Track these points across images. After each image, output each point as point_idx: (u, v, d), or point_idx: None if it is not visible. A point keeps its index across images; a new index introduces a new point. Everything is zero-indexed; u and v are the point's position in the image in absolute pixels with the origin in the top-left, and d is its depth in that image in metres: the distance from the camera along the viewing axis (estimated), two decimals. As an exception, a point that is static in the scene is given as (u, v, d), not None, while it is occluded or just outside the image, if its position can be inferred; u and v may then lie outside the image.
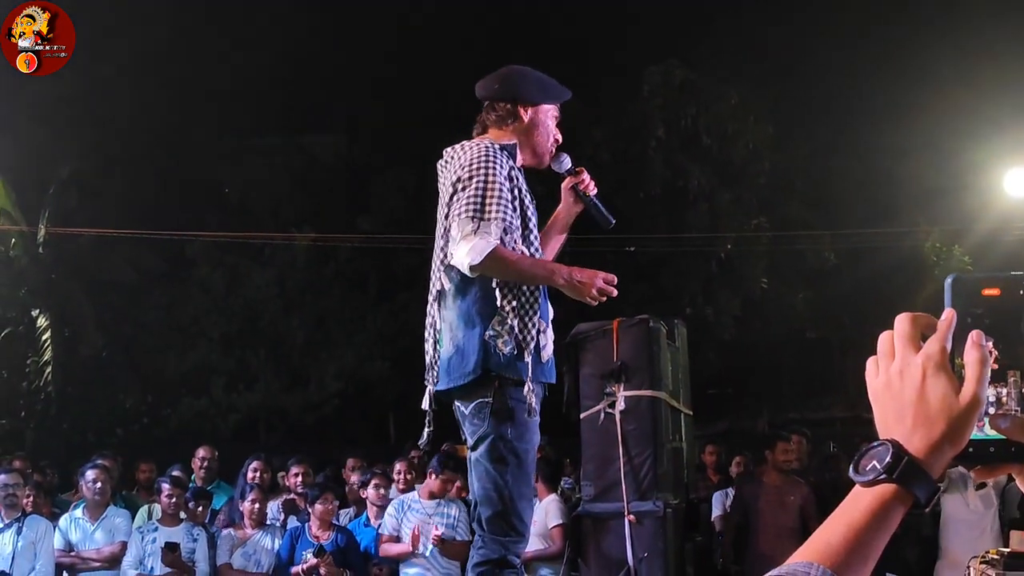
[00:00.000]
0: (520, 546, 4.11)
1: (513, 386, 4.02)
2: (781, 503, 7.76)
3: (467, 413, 4.08)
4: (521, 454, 4.05)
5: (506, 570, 4.06)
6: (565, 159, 4.41)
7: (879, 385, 1.25)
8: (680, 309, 17.97)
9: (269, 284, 21.53)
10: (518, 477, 4.05)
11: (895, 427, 1.22)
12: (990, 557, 4.97)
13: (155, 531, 7.86)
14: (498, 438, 4.01)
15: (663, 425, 6.76)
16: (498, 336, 3.98)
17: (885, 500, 1.18)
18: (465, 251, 3.89)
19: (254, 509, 8.11)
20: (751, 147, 21.18)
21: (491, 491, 4.04)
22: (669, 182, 20.94)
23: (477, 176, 3.99)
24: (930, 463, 1.19)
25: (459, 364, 4.03)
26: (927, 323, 1.24)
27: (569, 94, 4.41)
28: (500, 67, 4.44)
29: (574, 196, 4.45)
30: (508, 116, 4.25)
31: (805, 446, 8.80)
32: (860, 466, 1.21)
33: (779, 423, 17.53)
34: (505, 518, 4.03)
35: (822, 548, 1.16)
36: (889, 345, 1.25)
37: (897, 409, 1.22)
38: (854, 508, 1.19)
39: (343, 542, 7.82)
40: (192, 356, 20.93)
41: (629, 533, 6.52)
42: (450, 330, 4.09)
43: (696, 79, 21.15)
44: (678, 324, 7.57)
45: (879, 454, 1.20)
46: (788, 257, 21.05)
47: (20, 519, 7.75)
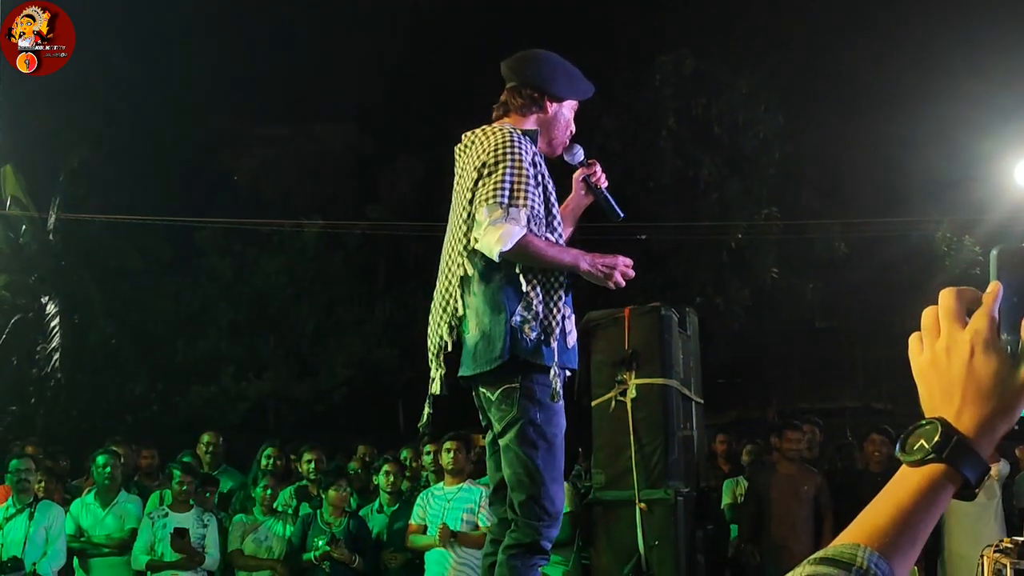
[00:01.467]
0: (553, 530, 4.10)
1: (539, 371, 4.01)
2: (795, 493, 7.73)
3: (493, 399, 4.07)
4: (551, 438, 4.05)
5: (537, 555, 4.08)
6: (578, 150, 4.39)
7: (924, 362, 1.22)
8: (690, 298, 17.95)
9: (278, 272, 21.56)
10: (549, 461, 4.05)
11: (943, 405, 1.19)
12: (1004, 546, 4.95)
13: (165, 517, 7.88)
14: (528, 423, 4.01)
15: (674, 413, 6.76)
16: (525, 322, 3.96)
17: (934, 480, 1.15)
18: (495, 237, 3.87)
19: (266, 495, 8.11)
20: (762, 137, 21.14)
21: (523, 476, 4.04)
22: (680, 171, 20.92)
23: (504, 162, 3.96)
24: (980, 442, 1.16)
25: (486, 350, 4.01)
26: (972, 297, 1.21)
27: (593, 90, 4.37)
28: (509, 56, 4.37)
29: (585, 188, 4.43)
30: (533, 104, 4.21)
31: (817, 436, 8.77)
32: (907, 445, 1.18)
33: (789, 413, 17.52)
34: (538, 502, 4.03)
35: (869, 529, 1.13)
36: (934, 321, 1.22)
37: (944, 387, 1.19)
38: (901, 489, 1.16)
39: (355, 529, 7.83)
40: (201, 344, 20.97)
41: (640, 521, 6.52)
42: (475, 316, 4.06)
43: (707, 69, 21.11)
44: (690, 312, 7.55)
45: (927, 433, 1.17)
46: (798, 247, 21.00)
47: (32, 504, 7.78)
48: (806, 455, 8.19)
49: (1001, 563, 4.79)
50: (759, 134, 21.12)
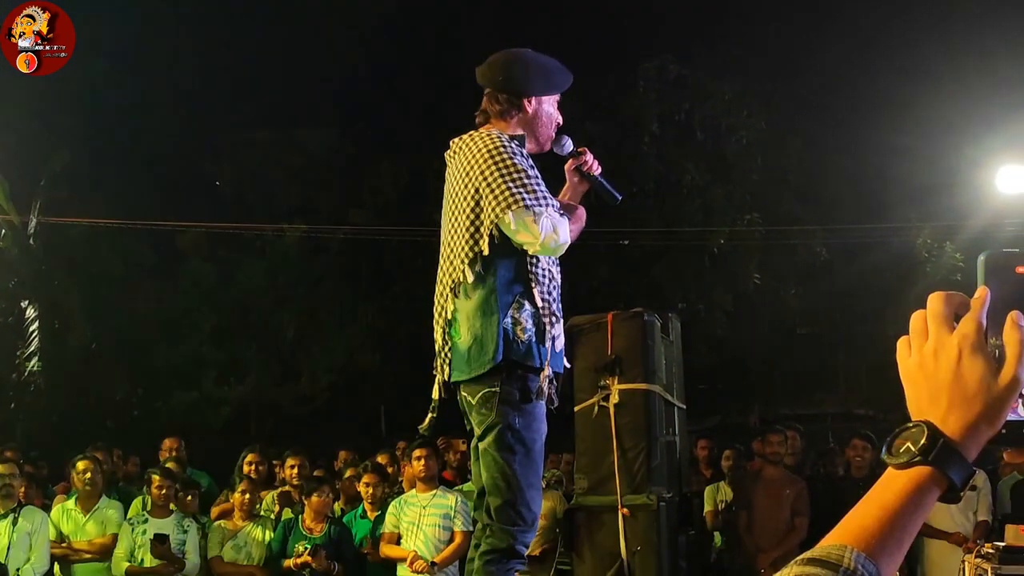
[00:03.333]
0: (529, 535, 4.10)
1: (529, 374, 4.03)
2: (777, 498, 7.75)
3: (474, 403, 4.07)
4: (529, 443, 4.05)
5: (513, 560, 4.07)
6: (567, 141, 4.40)
7: (912, 365, 1.22)
8: (673, 304, 17.96)
9: (261, 277, 21.49)
10: (526, 466, 4.04)
11: (929, 408, 1.19)
12: (985, 552, 4.96)
13: (145, 523, 7.84)
14: (506, 428, 4.00)
15: (657, 419, 6.75)
16: (516, 324, 3.99)
17: (920, 483, 1.16)
18: (545, 235, 3.89)
19: (244, 500, 8.06)
20: (744, 143, 21.19)
21: (499, 480, 4.04)
22: (663, 177, 20.93)
23: (504, 166, 3.98)
24: (966, 445, 1.17)
25: (478, 353, 4.02)
26: (960, 302, 1.22)
27: (571, 79, 4.36)
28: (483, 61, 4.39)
29: (579, 176, 4.46)
30: (512, 108, 4.22)
31: (799, 442, 8.79)
32: (893, 448, 1.19)
33: (771, 418, 17.54)
34: (514, 507, 4.03)
35: (856, 531, 1.14)
36: (922, 324, 1.22)
37: (931, 390, 1.20)
38: (888, 491, 1.17)
39: (337, 535, 7.79)
40: (183, 348, 20.88)
41: (622, 526, 6.50)
42: (467, 320, 4.06)
43: (690, 74, 21.16)
44: (672, 318, 7.55)
45: (913, 436, 1.18)
46: (780, 252, 21.05)
47: (16, 510, 7.73)
48: (788, 461, 8.21)
49: (982, 568, 4.81)
50: (742, 140, 21.18)
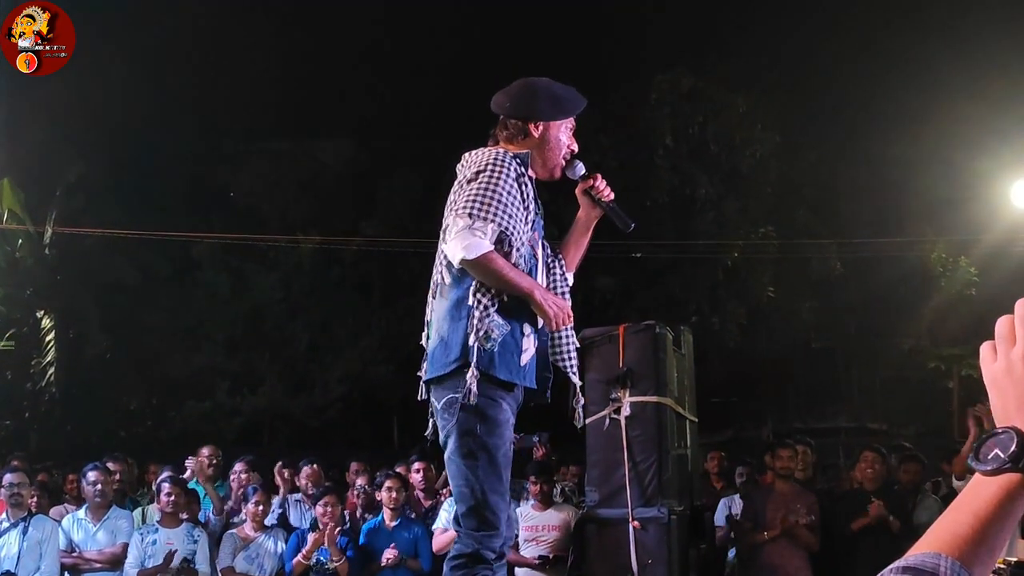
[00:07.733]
0: (494, 540, 4.12)
1: (488, 382, 4.06)
2: (789, 512, 7.71)
3: (439, 408, 4.15)
4: (491, 449, 4.09)
5: (479, 565, 4.09)
6: (579, 166, 4.45)
7: (998, 370, 1.20)
8: (686, 316, 17.96)
9: (274, 287, 21.55)
10: (489, 472, 4.08)
11: (1017, 414, 1.17)
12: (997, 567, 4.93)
13: (155, 532, 7.83)
14: (466, 434, 4.05)
15: (668, 431, 6.72)
16: (479, 330, 4.03)
17: (1011, 490, 1.14)
18: (460, 246, 3.96)
19: (258, 511, 8.04)
20: (758, 155, 21.18)
21: (463, 487, 4.09)
22: (676, 189, 20.94)
23: (482, 176, 4.07)
24: None
25: (442, 354, 4.11)
26: None
27: (584, 104, 4.44)
28: (507, 75, 4.49)
29: (590, 201, 4.49)
30: (519, 133, 4.32)
31: (810, 456, 8.74)
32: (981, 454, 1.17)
33: (783, 432, 17.45)
34: (478, 512, 4.07)
35: (948, 539, 1.12)
36: (1009, 329, 1.20)
37: (1019, 395, 1.18)
38: (978, 498, 1.15)
39: (345, 545, 7.78)
40: (197, 358, 20.94)
41: (633, 539, 6.48)
42: (437, 321, 4.18)
43: (704, 87, 21.17)
44: (684, 330, 7.52)
45: (1002, 442, 1.15)
46: (794, 266, 21.01)
47: (26, 519, 7.72)
48: (799, 475, 8.17)
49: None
50: (756, 153, 21.17)
